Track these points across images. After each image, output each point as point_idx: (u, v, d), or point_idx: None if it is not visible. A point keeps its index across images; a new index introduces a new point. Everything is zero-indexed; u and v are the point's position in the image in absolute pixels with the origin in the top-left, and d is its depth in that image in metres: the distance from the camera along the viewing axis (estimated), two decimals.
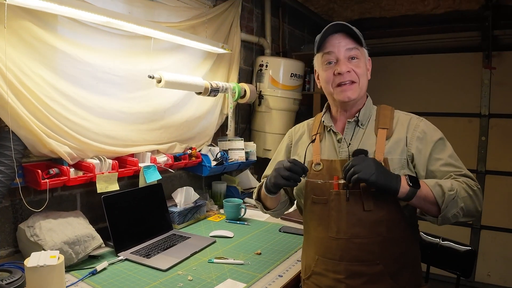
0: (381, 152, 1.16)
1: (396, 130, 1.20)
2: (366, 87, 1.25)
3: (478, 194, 1.10)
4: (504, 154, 3.22)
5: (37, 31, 1.38)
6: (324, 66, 1.22)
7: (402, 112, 1.27)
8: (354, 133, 1.24)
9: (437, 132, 1.21)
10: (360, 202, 1.15)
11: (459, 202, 1.06)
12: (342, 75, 1.18)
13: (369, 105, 1.27)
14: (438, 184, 1.07)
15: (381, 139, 1.18)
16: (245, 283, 1.29)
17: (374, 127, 1.22)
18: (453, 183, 1.07)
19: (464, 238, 3.28)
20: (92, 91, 1.61)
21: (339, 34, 1.19)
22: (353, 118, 1.24)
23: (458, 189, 1.06)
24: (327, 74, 1.21)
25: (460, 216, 1.08)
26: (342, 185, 1.17)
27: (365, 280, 1.14)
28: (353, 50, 1.19)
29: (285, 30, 3.20)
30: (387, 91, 3.45)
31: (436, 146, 1.17)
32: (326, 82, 1.23)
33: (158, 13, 1.92)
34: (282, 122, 2.72)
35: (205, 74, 2.21)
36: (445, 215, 1.06)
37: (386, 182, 1.05)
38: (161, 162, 1.88)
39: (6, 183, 1.32)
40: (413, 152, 1.17)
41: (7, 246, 1.44)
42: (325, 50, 1.21)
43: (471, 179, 1.13)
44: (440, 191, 1.05)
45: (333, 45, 1.19)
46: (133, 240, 1.62)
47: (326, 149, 1.26)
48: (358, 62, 1.20)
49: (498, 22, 3.11)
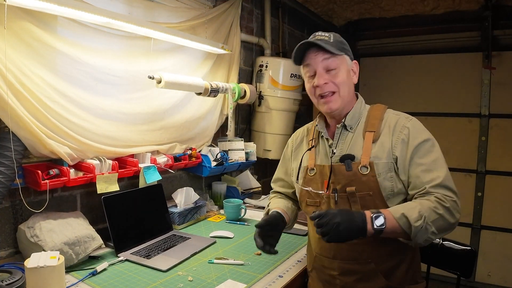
0: (367, 156, 1.18)
1: (383, 133, 1.21)
2: (350, 94, 1.26)
3: (451, 209, 1.08)
4: (504, 154, 3.22)
5: (37, 32, 1.38)
6: (307, 78, 1.27)
7: (392, 112, 1.27)
8: (342, 138, 1.26)
9: (424, 133, 1.19)
10: (348, 205, 1.19)
11: (429, 228, 1.05)
12: (320, 87, 1.21)
13: (358, 107, 1.28)
14: (404, 215, 1.05)
15: (367, 143, 1.20)
16: (245, 284, 1.29)
17: (363, 130, 1.24)
18: (421, 209, 1.05)
19: (464, 238, 3.28)
20: (92, 91, 1.61)
21: (316, 47, 1.21)
22: (340, 124, 1.26)
23: (427, 215, 1.05)
24: (309, 87, 1.26)
25: (433, 239, 1.08)
26: (331, 189, 1.21)
27: (358, 277, 1.20)
28: (330, 60, 1.20)
29: (285, 31, 3.20)
30: (387, 91, 3.46)
31: (419, 149, 1.16)
32: (309, 94, 1.28)
33: (158, 14, 1.92)
34: (282, 122, 2.72)
35: (205, 75, 2.21)
36: (416, 241, 1.07)
37: (351, 235, 1.04)
38: (161, 163, 1.88)
39: (6, 184, 1.32)
40: (397, 155, 1.17)
41: (7, 247, 1.44)
42: (303, 63, 1.25)
43: (449, 189, 1.11)
44: (406, 222, 1.05)
45: (310, 58, 1.23)
46: (133, 240, 1.62)
47: (320, 154, 1.30)
48: (337, 72, 1.21)
49: (497, 22, 3.12)
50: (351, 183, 1.18)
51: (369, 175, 1.16)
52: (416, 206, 1.07)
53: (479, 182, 3.33)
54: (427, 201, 1.09)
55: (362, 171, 1.17)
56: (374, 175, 1.16)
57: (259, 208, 2.28)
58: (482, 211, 3.31)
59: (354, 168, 1.18)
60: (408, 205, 1.10)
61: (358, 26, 3.62)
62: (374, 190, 1.16)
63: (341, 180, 1.20)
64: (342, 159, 1.21)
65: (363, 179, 1.17)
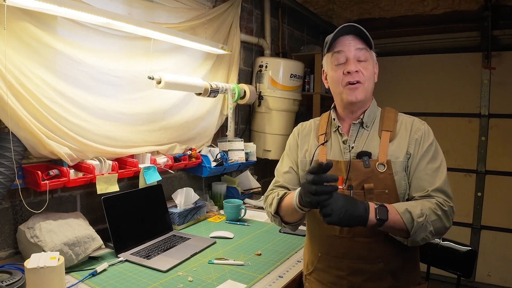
0: (385, 154, 1.18)
1: (400, 133, 1.22)
2: (372, 90, 1.26)
3: (449, 213, 1.10)
4: (504, 154, 3.22)
5: (36, 33, 1.38)
6: (334, 66, 1.23)
7: (405, 115, 1.28)
8: (359, 135, 1.25)
9: (432, 138, 1.21)
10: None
11: (428, 226, 1.06)
12: (351, 74, 1.19)
13: (374, 107, 1.28)
14: (408, 210, 1.06)
15: (384, 141, 1.20)
16: (246, 284, 1.29)
17: (378, 129, 1.24)
18: (423, 208, 1.07)
19: (464, 238, 3.28)
20: (91, 92, 1.61)
21: (350, 35, 1.21)
22: (358, 120, 1.25)
23: (428, 213, 1.07)
24: (337, 74, 1.22)
25: (429, 238, 1.09)
26: (347, 185, 1.19)
27: (366, 277, 1.18)
28: (363, 51, 1.20)
29: (285, 31, 3.20)
30: (386, 92, 3.46)
31: (427, 152, 1.18)
32: (335, 82, 1.24)
33: (157, 14, 1.92)
34: (282, 122, 2.73)
35: (205, 75, 2.21)
36: (414, 239, 1.08)
37: (352, 220, 1.02)
38: (161, 163, 1.88)
39: (6, 185, 1.32)
40: (411, 153, 1.19)
41: (7, 247, 1.44)
42: (335, 49, 1.22)
43: (446, 195, 1.14)
44: (409, 217, 1.06)
45: (344, 45, 1.20)
46: (133, 241, 1.62)
47: (333, 149, 1.27)
48: (367, 65, 1.21)
49: (497, 22, 3.12)
50: (368, 179, 1.17)
51: (386, 173, 1.16)
52: (418, 205, 1.09)
53: (479, 182, 3.33)
54: (428, 202, 1.11)
55: (379, 168, 1.17)
56: (391, 173, 1.16)
57: (259, 208, 2.28)
58: (482, 211, 3.31)
59: (371, 165, 1.17)
60: (410, 203, 1.12)
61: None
62: (390, 188, 1.16)
63: (358, 176, 1.18)
64: (359, 155, 1.20)
65: (380, 176, 1.16)
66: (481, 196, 3.32)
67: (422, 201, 1.12)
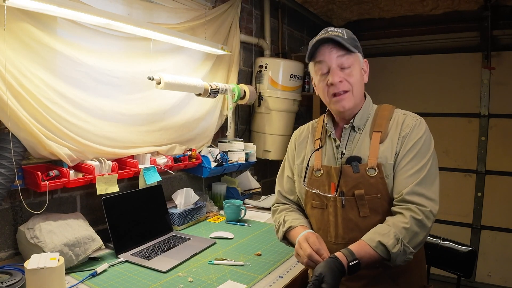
0: (375, 157, 1.15)
1: (391, 132, 1.18)
2: (361, 93, 1.23)
3: (424, 222, 1.06)
4: (504, 154, 3.22)
5: (36, 33, 1.38)
6: (318, 76, 1.21)
7: (400, 112, 1.24)
8: (350, 139, 1.22)
9: (422, 134, 1.15)
10: (355, 208, 1.16)
11: (407, 250, 1.04)
12: (335, 85, 1.16)
13: (366, 107, 1.24)
14: (380, 243, 1.03)
15: (374, 144, 1.16)
16: (246, 285, 1.29)
17: (369, 131, 1.20)
18: (396, 232, 1.03)
19: (464, 238, 3.28)
20: (91, 93, 1.61)
21: (330, 43, 1.16)
22: (349, 124, 1.23)
23: (403, 236, 1.03)
24: (321, 85, 1.20)
25: (412, 256, 1.06)
26: (338, 192, 1.17)
27: (365, 282, 1.16)
28: (345, 57, 1.16)
29: (284, 31, 3.20)
30: (386, 92, 3.45)
31: (412, 150, 1.13)
32: (322, 93, 1.22)
33: (157, 15, 1.92)
34: (281, 123, 2.72)
35: (205, 76, 2.21)
36: (395, 263, 1.05)
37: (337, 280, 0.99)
38: (161, 164, 1.88)
39: (6, 185, 1.32)
40: (397, 151, 1.15)
41: (7, 248, 1.43)
42: (316, 59, 1.19)
43: (423, 198, 1.08)
44: (384, 250, 1.03)
45: (324, 54, 1.16)
46: (133, 241, 1.62)
47: (327, 154, 1.26)
48: (351, 71, 1.17)
49: (497, 22, 3.12)
50: (359, 185, 1.14)
51: (377, 177, 1.13)
52: (390, 230, 1.05)
53: (479, 182, 3.32)
54: (400, 218, 1.07)
55: (369, 173, 1.14)
56: (382, 177, 1.13)
57: (259, 208, 2.28)
58: (482, 211, 3.31)
59: (361, 170, 1.14)
60: (381, 230, 1.07)
61: (358, 26, 3.62)
62: (382, 192, 1.14)
63: (348, 183, 1.16)
64: (348, 161, 1.17)
65: (371, 181, 1.13)
66: (481, 196, 3.32)
67: (394, 220, 1.07)
